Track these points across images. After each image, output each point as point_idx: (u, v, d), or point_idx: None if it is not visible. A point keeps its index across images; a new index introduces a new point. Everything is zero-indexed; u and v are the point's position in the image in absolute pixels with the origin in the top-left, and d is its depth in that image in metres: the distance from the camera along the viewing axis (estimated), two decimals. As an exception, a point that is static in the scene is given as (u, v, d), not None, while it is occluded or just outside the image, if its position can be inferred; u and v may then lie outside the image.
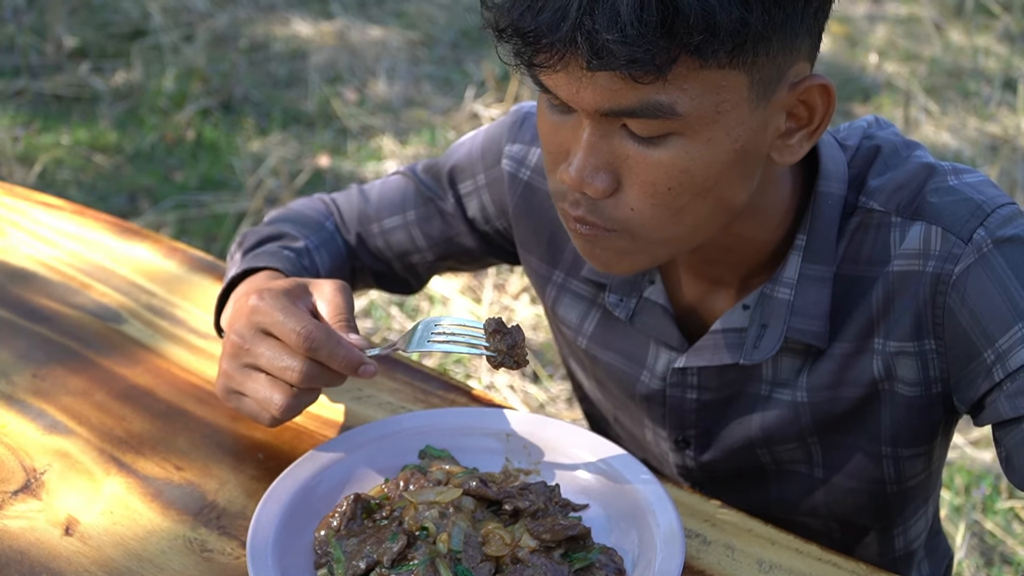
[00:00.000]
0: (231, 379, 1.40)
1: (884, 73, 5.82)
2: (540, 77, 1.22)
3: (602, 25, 1.11)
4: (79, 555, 1.33)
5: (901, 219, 1.37)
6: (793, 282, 1.40)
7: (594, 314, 1.60)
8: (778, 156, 1.30)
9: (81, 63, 5.62)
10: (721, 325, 1.47)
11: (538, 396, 3.43)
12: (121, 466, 1.46)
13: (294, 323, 1.35)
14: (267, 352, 1.37)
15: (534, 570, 1.26)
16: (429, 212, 1.73)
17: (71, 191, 4.49)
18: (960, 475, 3.12)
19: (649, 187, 1.24)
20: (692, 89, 1.17)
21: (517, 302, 3.87)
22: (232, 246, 1.71)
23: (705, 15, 1.10)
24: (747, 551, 1.36)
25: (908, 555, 1.65)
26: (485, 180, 1.68)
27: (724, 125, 1.21)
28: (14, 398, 1.58)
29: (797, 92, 1.25)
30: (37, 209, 2.05)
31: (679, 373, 1.52)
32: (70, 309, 1.77)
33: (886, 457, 1.49)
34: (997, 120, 5.32)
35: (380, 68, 5.70)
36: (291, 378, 1.36)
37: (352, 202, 1.79)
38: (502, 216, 1.68)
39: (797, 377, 1.46)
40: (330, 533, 1.31)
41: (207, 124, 5.13)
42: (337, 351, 1.35)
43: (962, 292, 1.32)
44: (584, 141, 1.24)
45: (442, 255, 1.76)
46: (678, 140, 1.21)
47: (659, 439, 1.62)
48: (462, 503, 1.32)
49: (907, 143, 1.44)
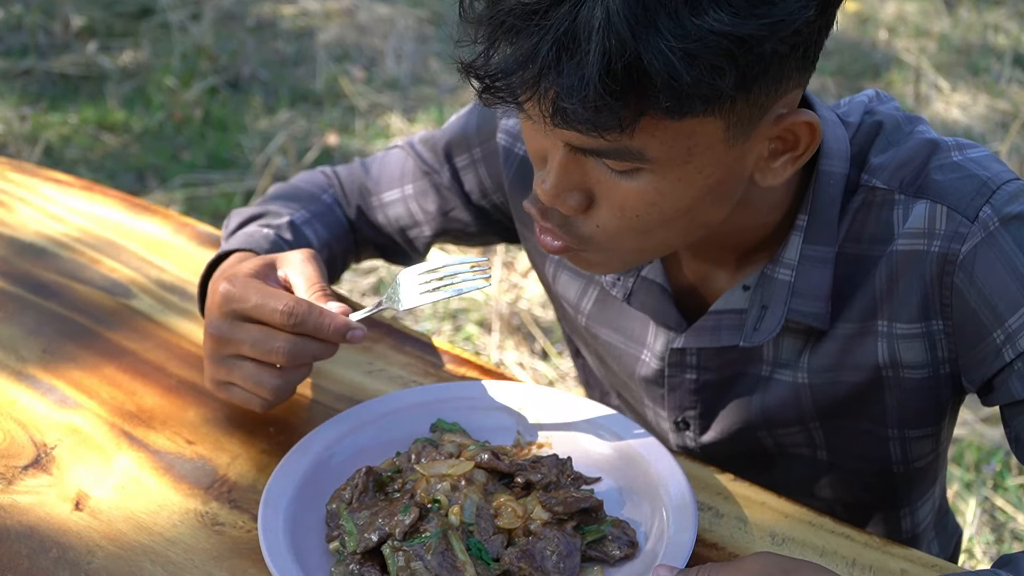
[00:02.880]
0: (217, 372, 1.40)
1: (894, 49, 5.79)
2: None
3: (564, 90, 1.08)
4: (89, 530, 1.33)
5: (905, 197, 1.35)
6: (794, 263, 1.38)
7: (592, 291, 1.59)
8: (760, 178, 1.28)
9: (89, 42, 5.60)
10: (721, 306, 1.45)
11: (547, 373, 3.43)
12: (132, 440, 1.46)
13: (273, 302, 1.34)
14: (248, 338, 1.36)
15: (546, 543, 1.25)
16: (425, 186, 1.72)
17: (79, 170, 4.48)
18: (970, 452, 3.11)
19: (617, 211, 1.23)
20: (662, 136, 1.14)
21: (526, 280, 3.86)
22: (223, 228, 1.71)
23: (672, 82, 1.07)
24: (760, 524, 1.36)
25: (915, 537, 1.64)
26: (481, 154, 1.67)
27: (696, 165, 1.19)
28: (24, 373, 1.57)
29: (782, 125, 1.23)
30: (46, 185, 2.04)
31: (678, 353, 1.51)
32: (80, 284, 1.77)
33: (893, 439, 1.48)
34: (1007, 97, 5.30)
35: (388, 46, 5.68)
36: (278, 359, 1.36)
37: (354, 175, 1.78)
38: (498, 190, 1.67)
39: (799, 358, 1.45)
40: (342, 506, 1.31)
41: (215, 103, 5.12)
42: (322, 321, 1.35)
43: (970, 272, 1.30)
44: (558, 163, 1.23)
45: (439, 230, 1.75)
46: (648, 175, 1.19)
47: (659, 419, 1.61)
48: (474, 476, 1.32)
49: (909, 118, 1.42)
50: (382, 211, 1.75)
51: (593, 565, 1.28)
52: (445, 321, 3.71)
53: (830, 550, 1.32)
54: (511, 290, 3.84)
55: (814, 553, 1.31)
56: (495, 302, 3.70)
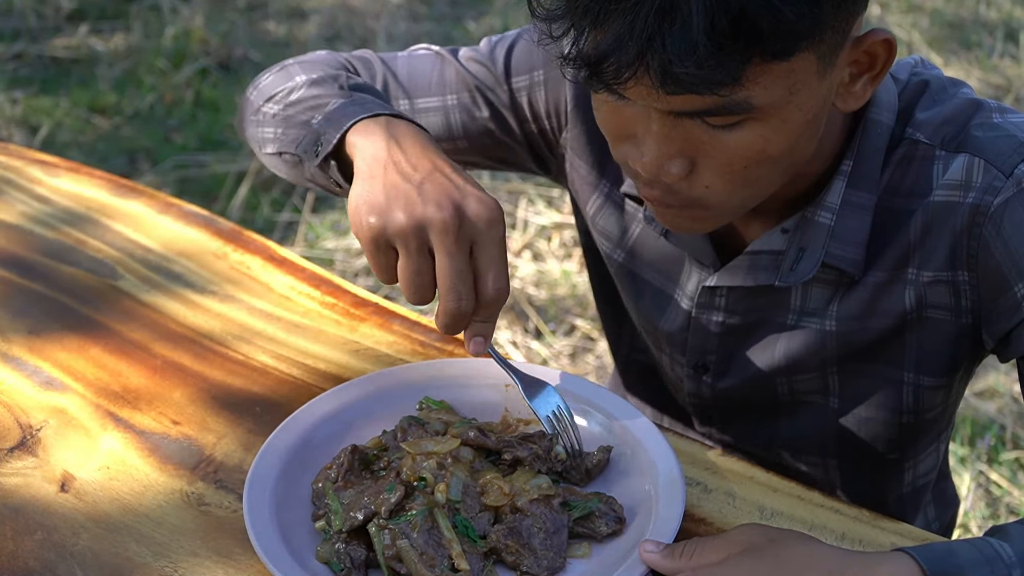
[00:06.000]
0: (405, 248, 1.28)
1: (886, 24, 5.78)
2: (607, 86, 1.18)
3: (673, 52, 1.08)
4: (75, 511, 1.32)
5: (945, 152, 1.37)
6: (835, 207, 1.40)
7: (635, 228, 1.59)
8: (842, 104, 1.30)
9: (80, 25, 5.59)
10: (758, 246, 1.46)
11: (540, 352, 3.43)
12: (117, 421, 1.45)
13: (501, 272, 1.29)
14: (460, 266, 1.28)
15: (533, 519, 1.25)
16: (475, 101, 1.64)
17: (71, 153, 4.47)
18: (965, 426, 3.11)
19: (726, 167, 1.23)
20: (765, 82, 1.15)
21: (519, 259, 3.85)
22: (290, 82, 1.57)
23: (777, 23, 1.08)
24: (748, 498, 1.35)
25: (915, 492, 1.64)
26: (543, 76, 1.62)
27: (796, 103, 1.19)
28: (9, 355, 1.57)
29: (860, 47, 1.25)
30: (32, 167, 2.03)
31: (708, 292, 1.52)
32: (65, 266, 1.76)
33: (907, 384, 1.48)
34: (1000, 71, 5.28)
35: (379, 26, 5.67)
36: (453, 305, 1.29)
37: (374, 69, 1.67)
38: (554, 116, 1.64)
39: (827, 306, 1.46)
40: (328, 485, 1.30)
41: (206, 84, 5.11)
42: (494, 315, 1.33)
43: (999, 224, 1.32)
44: (655, 133, 1.22)
45: (474, 147, 1.68)
46: (753, 124, 1.20)
47: (676, 365, 1.62)
48: (460, 453, 1.31)
49: (953, 81, 1.44)
50: (412, 116, 1.61)
51: (581, 541, 1.28)
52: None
53: (819, 524, 1.31)
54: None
55: (803, 527, 1.31)
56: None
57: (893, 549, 1.13)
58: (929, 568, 1.08)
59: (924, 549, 1.11)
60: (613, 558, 1.25)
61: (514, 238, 3.95)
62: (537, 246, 3.96)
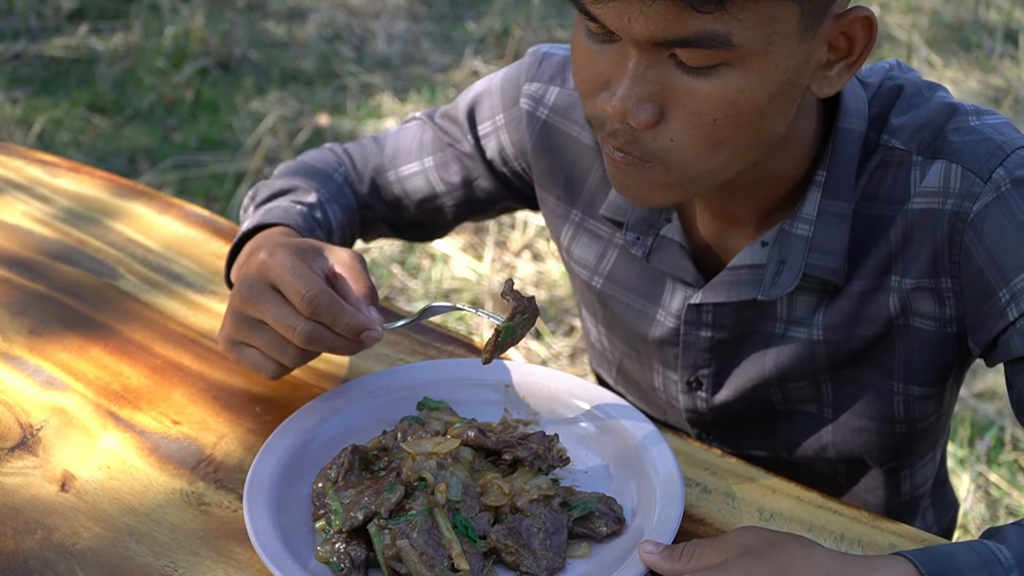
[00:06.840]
0: (238, 331, 1.40)
1: (886, 25, 5.78)
2: (587, 5, 1.19)
3: None
4: (75, 511, 1.32)
5: (922, 158, 1.36)
6: (812, 218, 1.39)
7: (611, 253, 1.60)
8: (817, 88, 1.29)
9: (80, 25, 5.58)
10: (739, 261, 1.46)
11: (540, 352, 3.43)
12: (118, 421, 1.46)
13: (300, 284, 1.34)
14: (273, 309, 1.36)
15: (533, 520, 1.25)
16: (447, 157, 1.72)
17: (70, 153, 4.47)
18: (964, 427, 3.11)
19: (695, 117, 1.22)
20: (748, 19, 1.15)
21: (519, 259, 3.86)
22: (245, 199, 1.71)
23: None
24: (748, 499, 1.35)
25: (914, 500, 1.65)
26: (504, 120, 1.66)
27: (774, 57, 1.19)
28: (10, 355, 1.57)
29: (841, 24, 1.24)
30: (33, 167, 2.03)
31: (694, 310, 1.51)
32: (66, 266, 1.76)
33: (897, 394, 1.48)
34: (999, 72, 5.29)
35: (379, 26, 5.67)
36: (294, 337, 1.35)
37: (366, 152, 1.78)
38: (521, 156, 1.67)
39: (813, 315, 1.46)
40: (328, 485, 1.30)
41: (206, 84, 5.11)
42: (341, 316, 1.35)
43: (979, 230, 1.32)
44: (630, 71, 1.21)
45: (461, 200, 1.75)
46: (728, 71, 1.19)
47: (669, 383, 1.61)
48: (460, 453, 1.31)
49: (929, 84, 1.44)
50: (400, 185, 1.75)
51: (580, 542, 1.28)
52: (436, 300, 3.70)
53: (818, 525, 1.31)
54: (504, 269, 3.83)
55: (802, 528, 1.31)
56: (487, 281, 3.69)
57: (891, 552, 1.13)
58: (927, 572, 1.08)
59: (922, 552, 1.11)
60: (612, 558, 1.25)
61: (514, 239, 3.95)
62: (536, 246, 3.96)
